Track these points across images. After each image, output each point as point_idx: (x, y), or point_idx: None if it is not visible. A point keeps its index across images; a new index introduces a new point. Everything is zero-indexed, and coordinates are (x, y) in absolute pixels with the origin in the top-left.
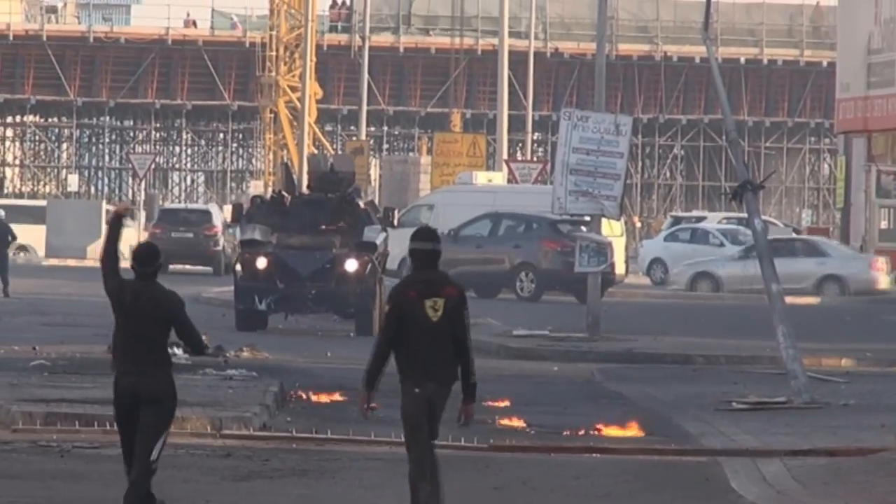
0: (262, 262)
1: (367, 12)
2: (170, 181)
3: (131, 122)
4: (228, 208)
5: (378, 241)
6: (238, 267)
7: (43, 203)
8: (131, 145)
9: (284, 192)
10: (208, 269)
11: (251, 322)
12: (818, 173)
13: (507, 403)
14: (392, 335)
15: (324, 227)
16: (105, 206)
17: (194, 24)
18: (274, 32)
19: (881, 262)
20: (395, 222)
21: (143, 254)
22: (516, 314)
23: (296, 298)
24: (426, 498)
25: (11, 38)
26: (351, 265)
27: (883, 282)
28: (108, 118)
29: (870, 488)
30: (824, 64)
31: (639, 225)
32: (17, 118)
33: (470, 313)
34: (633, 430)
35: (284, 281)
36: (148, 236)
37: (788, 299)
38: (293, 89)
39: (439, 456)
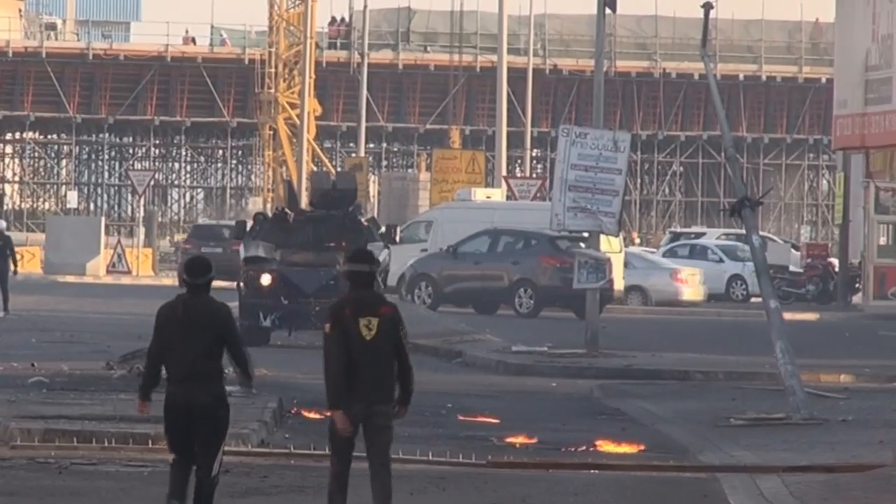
0: (266, 279)
1: (365, 29)
2: (169, 198)
3: (130, 139)
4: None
5: (381, 258)
6: (242, 284)
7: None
8: (130, 162)
9: (287, 210)
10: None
11: (254, 338)
12: (817, 190)
13: (505, 420)
14: (342, 349)
15: (327, 244)
16: (103, 221)
17: (193, 41)
18: (273, 49)
19: (684, 274)
20: (397, 239)
21: (194, 266)
22: (515, 330)
23: (300, 315)
24: None
25: (11, 55)
26: None
27: (687, 293)
28: (107, 135)
29: None
30: (823, 80)
31: (638, 241)
32: (17, 135)
33: (407, 330)
34: (631, 447)
35: (289, 298)
36: (179, 251)
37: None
38: (292, 106)
39: (434, 471)
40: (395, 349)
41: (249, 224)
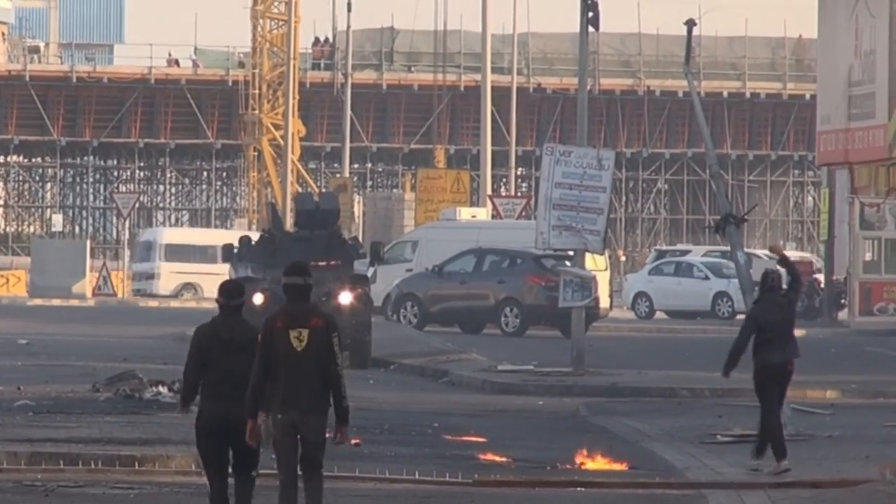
0: (258, 299)
1: (349, 49)
2: (154, 220)
3: (115, 162)
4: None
5: (369, 276)
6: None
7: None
8: (115, 184)
9: (273, 231)
10: None
11: None
12: (802, 206)
13: (491, 438)
14: (265, 363)
15: (314, 263)
16: (89, 244)
17: (177, 62)
18: (257, 70)
19: None
20: (383, 257)
21: (230, 289)
22: (501, 349)
23: None
24: None
25: None
26: (345, 298)
27: None
28: (91, 157)
29: None
30: (807, 97)
31: (623, 259)
32: (1, 158)
33: (339, 340)
34: (617, 464)
35: None
36: None
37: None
38: (276, 127)
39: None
40: (322, 360)
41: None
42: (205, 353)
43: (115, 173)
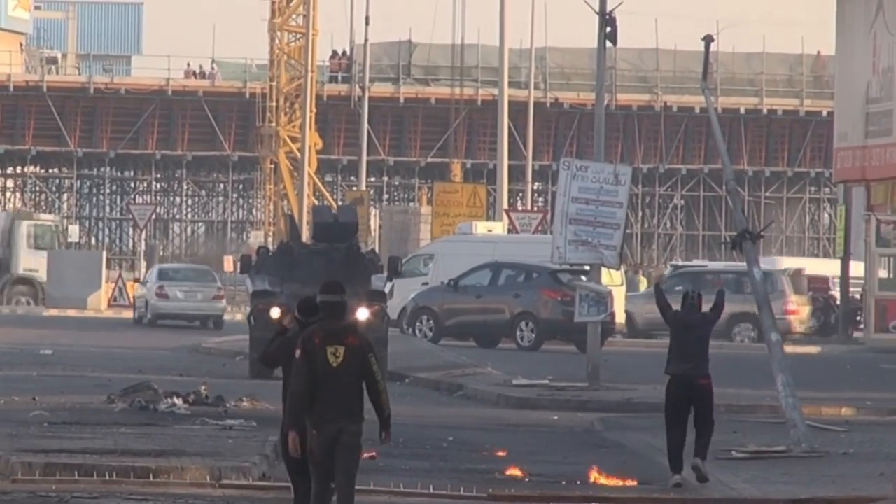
0: (276, 312)
1: (366, 62)
2: (170, 231)
3: (132, 173)
4: (230, 259)
5: (386, 290)
6: (252, 317)
7: None
8: (132, 196)
9: (291, 243)
10: None
11: (264, 371)
12: (818, 223)
13: (506, 453)
14: (307, 376)
15: (333, 276)
16: (105, 255)
17: (195, 74)
18: (274, 83)
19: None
20: (401, 271)
21: (308, 306)
22: (516, 363)
23: None
24: None
25: (12, 89)
26: (362, 314)
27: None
28: (108, 169)
29: None
30: (824, 113)
31: (643, 280)
32: (18, 169)
33: (377, 358)
34: (632, 480)
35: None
36: None
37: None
38: (293, 139)
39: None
40: (363, 375)
41: (254, 258)
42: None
43: (132, 184)
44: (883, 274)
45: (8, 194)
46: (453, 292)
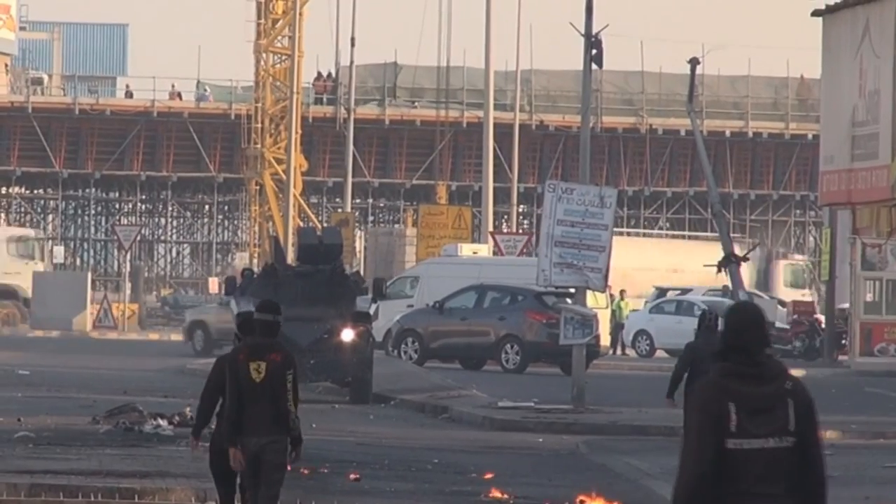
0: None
1: (352, 84)
2: (155, 253)
3: (117, 194)
4: (215, 280)
5: (371, 312)
6: (237, 339)
7: None
8: (117, 217)
9: (276, 265)
10: None
11: None
12: (803, 246)
13: (491, 475)
14: (233, 392)
15: (316, 298)
16: (90, 276)
17: (179, 96)
18: (259, 104)
19: None
20: (386, 293)
21: (245, 324)
22: (501, 386)
23: None
24: None
25: None
26: (348, 335)
27: None
28: (93, 190)
29: None
30: (809, 137)
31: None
32: (3, 189)
33: (295, 377)
34: (617, 502)
35: None
36: None
37: None
38: (279, 161)
39: None
40: (278, 394)
41: (238, 280)
42: None
43: (117, 206)
44: (868, 297)
45: None
46: (438, 314)
